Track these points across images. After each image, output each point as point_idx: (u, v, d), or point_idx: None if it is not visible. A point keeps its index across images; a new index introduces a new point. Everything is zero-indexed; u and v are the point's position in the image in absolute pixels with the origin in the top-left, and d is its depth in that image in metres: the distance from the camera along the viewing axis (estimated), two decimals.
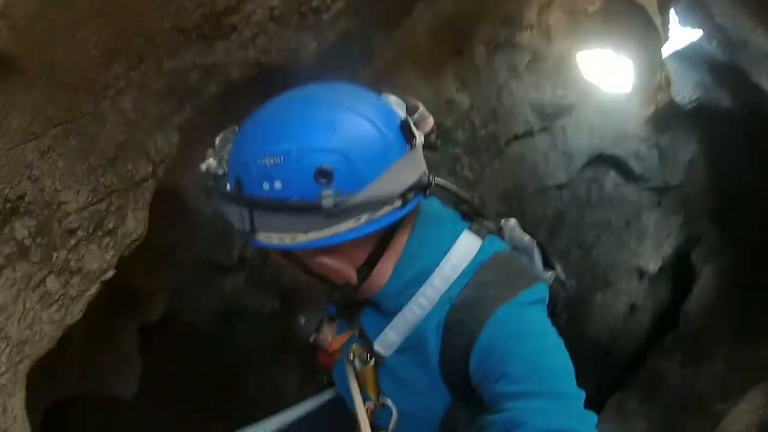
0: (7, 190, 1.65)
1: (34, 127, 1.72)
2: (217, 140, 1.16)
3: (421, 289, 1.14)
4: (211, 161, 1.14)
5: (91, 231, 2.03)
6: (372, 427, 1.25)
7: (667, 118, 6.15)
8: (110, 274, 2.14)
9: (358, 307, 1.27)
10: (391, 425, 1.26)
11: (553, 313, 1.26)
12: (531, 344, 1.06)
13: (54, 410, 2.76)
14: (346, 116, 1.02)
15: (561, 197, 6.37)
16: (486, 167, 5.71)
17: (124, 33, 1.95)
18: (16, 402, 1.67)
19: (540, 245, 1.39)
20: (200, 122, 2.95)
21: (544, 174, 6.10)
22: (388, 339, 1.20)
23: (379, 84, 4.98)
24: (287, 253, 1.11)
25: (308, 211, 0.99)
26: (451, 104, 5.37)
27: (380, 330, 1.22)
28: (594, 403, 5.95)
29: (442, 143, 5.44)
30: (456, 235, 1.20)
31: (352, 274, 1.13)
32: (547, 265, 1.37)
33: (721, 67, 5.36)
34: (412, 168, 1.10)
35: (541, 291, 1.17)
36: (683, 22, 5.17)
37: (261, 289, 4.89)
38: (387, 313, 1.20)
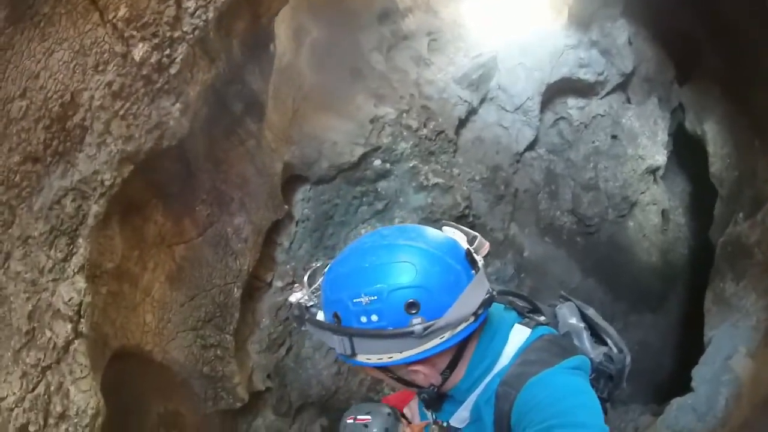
0: None
1: None
2: (306, 276, 1.50)
3: (486, 380, 1.50)
4: (301, 294, 1.48)
5: (42, 423, 1.81)
6: None
7: (586, 8, 6.04)
8: None
9: (441, 400, 1.61)
10: None
11: (611, 382, 1.69)
12: (555, 395, 1.33)
13: None
14: (423, 256, 1.37)
15: (539, 155, 6.21)
16: (451, 166, 5.49)
17: None
18: None
19: (590, 326, 1.75)
20: (107, 252, 2.71)
21: (510, 142, 5.94)
22: (461, 416, 1.56)
23: (292, 140, 4.79)
24: (382, 368, 1.45)
25: (403, 336, 1.33)
26: (377, 121, 5.19)
27: (455, 411, 1.57)
28: (694, 321, 5.46)
29: (392, 164, 5.22)
30: (510, 331, 1.55)
31: (437, 378, 1.50)
32: (602, 341, 1.75)
33: None
34: (480, 288, 1.42)
35: (577, 361, 1.46)
36: None
37: (296, 412, 4.53)
38: (460, 401, 1.56)
